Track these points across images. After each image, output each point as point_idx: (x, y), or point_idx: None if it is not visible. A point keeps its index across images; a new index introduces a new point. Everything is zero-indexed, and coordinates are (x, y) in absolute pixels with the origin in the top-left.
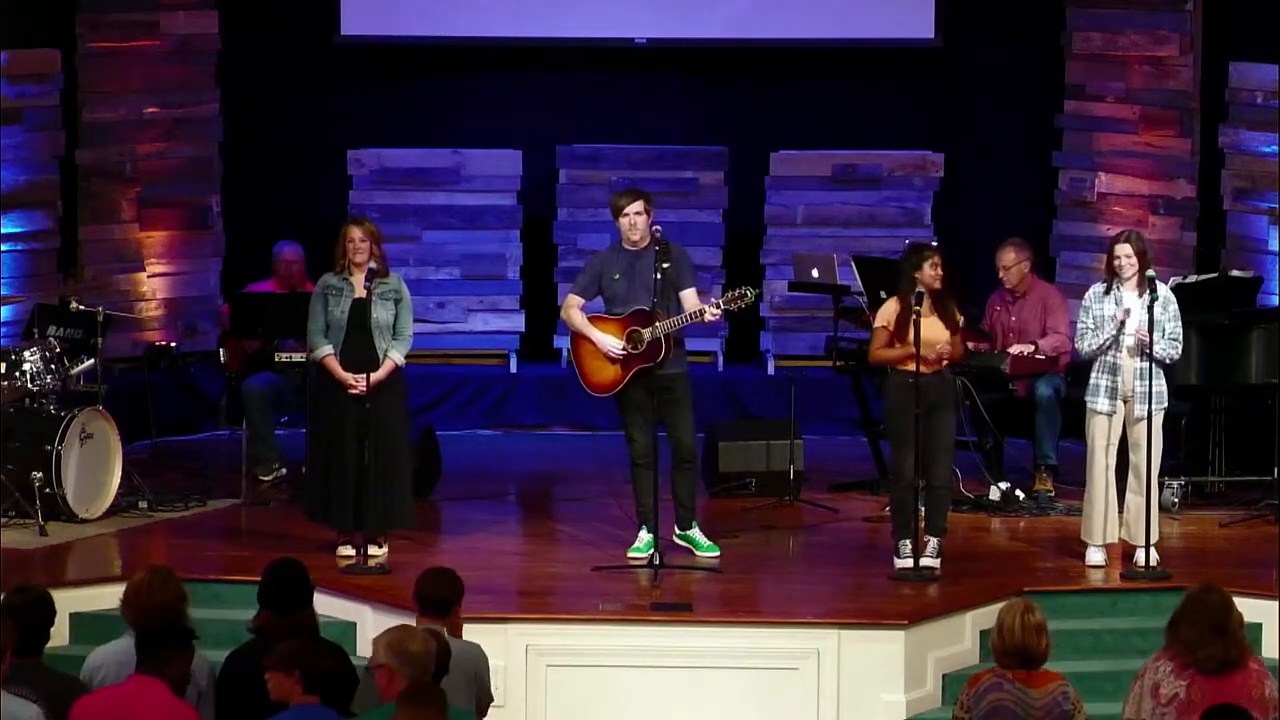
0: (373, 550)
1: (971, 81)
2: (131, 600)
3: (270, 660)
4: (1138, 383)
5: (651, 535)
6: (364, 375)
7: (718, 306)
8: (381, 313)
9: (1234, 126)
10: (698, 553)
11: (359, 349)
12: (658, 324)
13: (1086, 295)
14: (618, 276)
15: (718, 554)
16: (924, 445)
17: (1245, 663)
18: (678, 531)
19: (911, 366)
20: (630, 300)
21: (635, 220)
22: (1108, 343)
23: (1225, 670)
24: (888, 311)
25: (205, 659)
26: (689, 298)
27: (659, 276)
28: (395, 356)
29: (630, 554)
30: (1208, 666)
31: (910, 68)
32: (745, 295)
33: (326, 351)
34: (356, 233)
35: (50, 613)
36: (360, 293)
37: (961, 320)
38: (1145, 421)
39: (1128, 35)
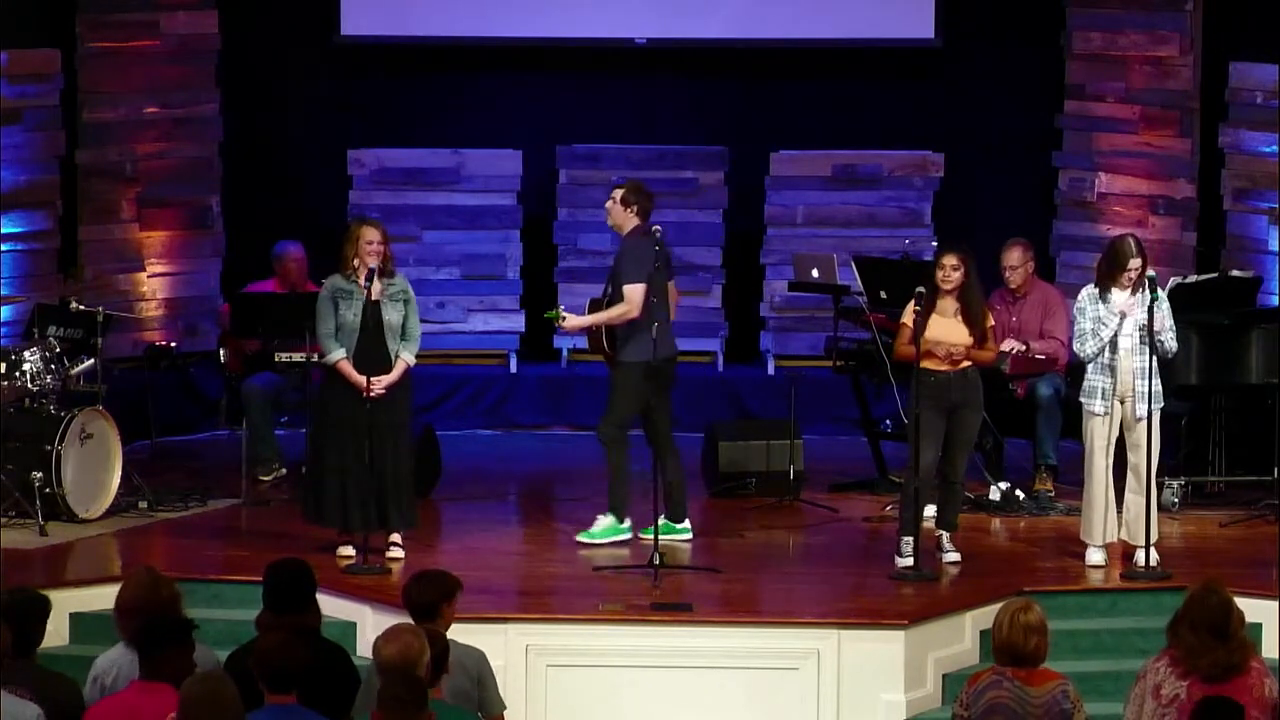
0: (395, 553)
1: (971, 81)
2: (125, 610)
3: (250, 661)
4: (1137, 383)
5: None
6: (378, 377)
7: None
8: (392, 314)
9: (1234, 126)
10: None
11: (371, 351)
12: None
13: (1081, 297)
14: None
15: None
16: (945, 442)
17: (1246, 667)
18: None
19: (925, 364)
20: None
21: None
22: (1104, 346)
23: (1227, 677)
24: (910, 309)
25: (209, 649)
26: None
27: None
28: (407, 357)
29: (580, 538)
30: (1209, 674)
31: (910, 68)
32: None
33: (340, 355)
34: (374, 235)
35: (44, 612)
36: (371, 294)
37: (991, 323)
38: (1145, 422)
39: (1128, 35)
